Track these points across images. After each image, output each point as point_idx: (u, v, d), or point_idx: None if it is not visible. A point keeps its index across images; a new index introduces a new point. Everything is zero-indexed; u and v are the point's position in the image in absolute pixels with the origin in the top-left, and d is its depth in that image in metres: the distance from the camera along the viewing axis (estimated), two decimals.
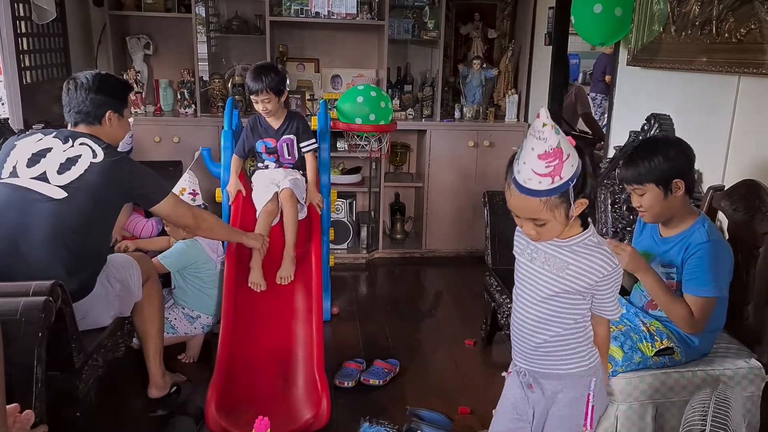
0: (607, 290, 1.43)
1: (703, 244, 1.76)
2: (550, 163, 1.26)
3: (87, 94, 2.06)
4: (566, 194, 1.29)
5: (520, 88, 4.10)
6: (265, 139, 2.90)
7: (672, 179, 1.77)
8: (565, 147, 1.26)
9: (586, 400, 1.47)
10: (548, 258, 1.43)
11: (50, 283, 1.67)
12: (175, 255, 2.60)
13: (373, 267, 3.95)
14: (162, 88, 3.92)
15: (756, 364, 1.84)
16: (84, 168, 1.97)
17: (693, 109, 2.40)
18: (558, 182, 1.27)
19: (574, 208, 1.32)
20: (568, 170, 1.27)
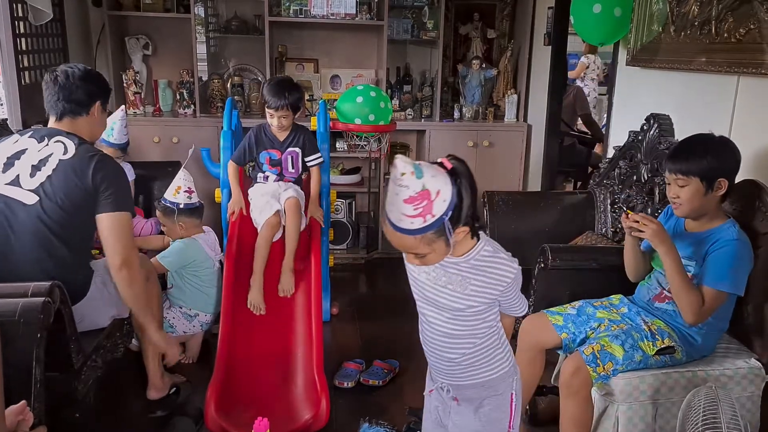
0: (513, 294, 1.43)
1: (733, 240, 1.77)
2: (418, 205, 1.23)
3: (80, 81, 2.01)
4: (442, 228, 1.27)
5: (519, 88, 4.10)
6: (269, 150, 2.82)
7: (717, 178, 1.77)
8: (432, 186, 1.23)
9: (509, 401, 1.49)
10: (449, 277, 1.41)
11: (49, 284, 1.67)
12: (174, 254, 2.60)
13: (372, 267, 3.94)
14: (161, 88, 3.91)
15: (756, 364, 1.84)
16: (52, 168, 1.93)
17: (692, 109, 2.40)
18: (430, 220, 1.25)
19: (454, 239, 1.31)
20: (440, 206, 1.25)
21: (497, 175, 3.97)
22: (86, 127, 2.05)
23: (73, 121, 2.03)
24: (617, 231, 2.62)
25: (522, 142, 3.99)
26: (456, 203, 1.26)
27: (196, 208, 2.70)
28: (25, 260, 1.92)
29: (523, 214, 2.78)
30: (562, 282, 2.17)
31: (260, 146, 2.83)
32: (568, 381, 1.78)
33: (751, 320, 1.88)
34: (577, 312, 1.99)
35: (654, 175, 2.39)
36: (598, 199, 2.76)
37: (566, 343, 1.95)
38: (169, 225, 2.67)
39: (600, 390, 1.82)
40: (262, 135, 2.82)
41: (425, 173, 1.23)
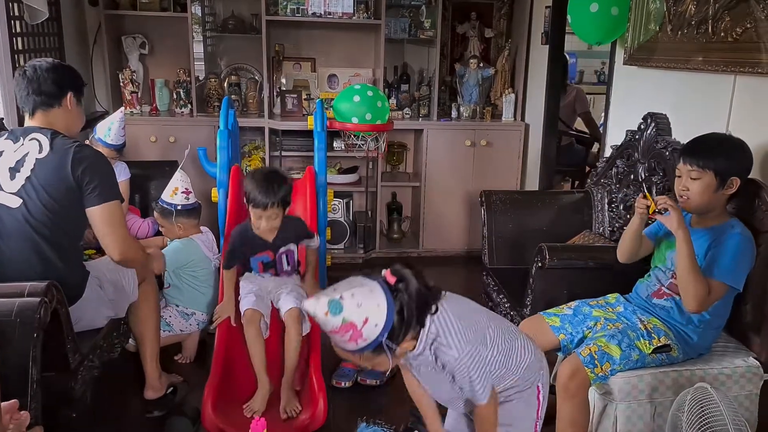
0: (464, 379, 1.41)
1: (737, 235, 1.78)
2: (344, 334, 1.26)
3: (47, 73, 1.96)
4: (379, 347, 1.28)
5: (516, 88, 4.10)
6: (260, 254, 2.45)
7: (731, 176, 1.78)
8: (357, 316, 1.24)
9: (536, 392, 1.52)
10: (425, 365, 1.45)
11: (45, 284, 1.66)
12: (171, 254, 2.59)
13: (370, 267, 3.92)
14: (158, 87, 3.90)
15: (754, 362, 1.84)
16: (30, 168, 1.90)
17: (689, 108, 2.41)
18: (363, 343, 1.27)
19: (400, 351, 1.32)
20: (371, 331, 1.25)
21: (495, 174, 3.97)
22: (61, 119, 2.00)
23: (46, 114, 1.98)
24: (614, 230, 2.62)
25: (519, 142, 3.99)
26: (394, 322, 1.27)
27: (194, 208, 2.69)
28: (16, 263, 1.90)
29: (520, 214, 2.78)
30: (560, 281, 2.17)
31: (249, 250, 2.44)
32: (565, 384, 1.78)
33: (749, 319, 1.88)
34: (574, 312, 1.99)
35: (651, 174, 2.39)
36: (596, 198, 2.76)
37: (564, 344, 1.95)
38: (168, 226, 2.67)
39: (599, 389, 1.82)
40: (248, 239, 2.41)
41: (346, 307, 1.24)
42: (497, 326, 1.49)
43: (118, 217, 1.98)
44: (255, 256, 2.45)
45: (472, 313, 1.48)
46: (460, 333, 1.38)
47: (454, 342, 1.37)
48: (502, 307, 2.53)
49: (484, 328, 1.45)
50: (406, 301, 1.28)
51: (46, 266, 1.91)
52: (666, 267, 1.92)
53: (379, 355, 1.29)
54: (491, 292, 2.68)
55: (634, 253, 2.00)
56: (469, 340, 1.39)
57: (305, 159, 3.93)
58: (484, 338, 1.43)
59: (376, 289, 1.27)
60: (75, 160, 1.90)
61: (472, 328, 1.42)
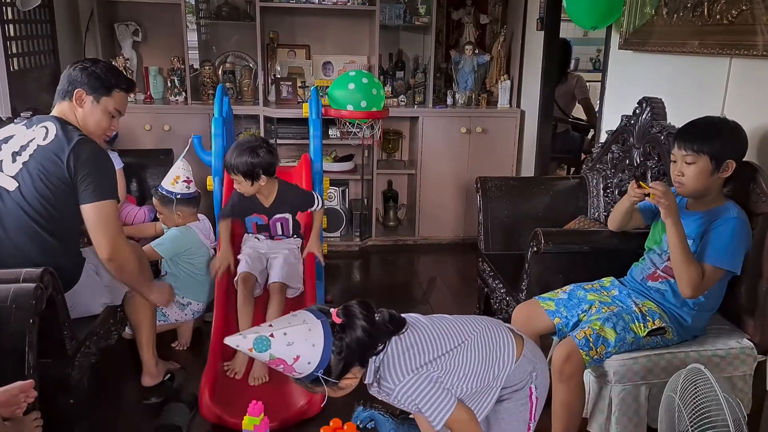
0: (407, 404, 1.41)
1: (734, 219, 1.78)
2: (276, 366, 1.30)
3: (69, 69, 2.03)
4: (317, 380, 1.31)
5: (512, 74, 4.09)
6: (255, 215, 2.60)
7: (726, 159, 1.78)
8: (286, 355, 1.27)
9: (529, 394, 1.51)
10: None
11: (40, 270, 1.66)
12: (168, 241, 2.59)
13: (366, 254, 3.94)
14: (152, 75, 3.88)
15: (748, 344, 1.85)
16: (29, 154, 1.91)
17: (685, 92, 2.41)
18: (299, 376, 1.31)
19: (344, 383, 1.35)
20: (304, 368, 1.29)
21: (490, 161, 3.96)
22: (71, 114, 2.02)
23: (59, 105, 2.03)
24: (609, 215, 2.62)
25: (515, 128, 3.98)
26: (332, 360, 1.30)
27: (194, 197, 2.69)
28: (10, 246, 1.90)
29: (516, 200, 2.79)
30: (555, 266, 2.17)
31: (246, 209, 2.60)
32: (560, 367, 1.79)
33: (743, 301, 1.89)
34: (568, 296, 2.00)
35: (646, 158, 2.40)
36: (591, 183, 2.77)
37: (559, 328, 1.96)
38: (167, 214, 2.66)
39: (594, 372, 1.83)
40: (247, 197, 2.55)
41: (274, 345, 1.27)
42: (470, 345, 1.47)
43: (110, 218, 1.96)
44: (250, 216, 2.59)
45: (437, 337, 1.45)
46: (403, 364, 1.38)
47: (392, 375, 1.38)
48: (497, 292, 2.54)
49: (447, 353, 1.44)
50: (346, 344, 1.31)
51: (42, 252, 1.91)
52: (661, 249, 1.92)
53: (318, 386, 1.33)
54: (487, 278, 2.68)
55: (625, 224, 2.05)
56: (412, 369, 1.39)
57: (300, 147, 3.92)
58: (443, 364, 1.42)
59: (316, 328, 1.30)
60: (73, 152, 1.90)
61: (424, 356, 1.41)
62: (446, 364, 1.43)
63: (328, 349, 1.29)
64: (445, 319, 1.53)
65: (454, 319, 1.53)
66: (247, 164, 2.43)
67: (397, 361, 1.38)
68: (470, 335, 1.49)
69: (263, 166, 2.46)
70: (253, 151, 2.44)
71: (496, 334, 1.52)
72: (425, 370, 1.39)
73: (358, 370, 1.36)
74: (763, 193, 1.82)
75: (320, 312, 1.34)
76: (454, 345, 1.45)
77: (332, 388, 1.35)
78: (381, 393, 1.43)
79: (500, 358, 1.50)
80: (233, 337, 1.28)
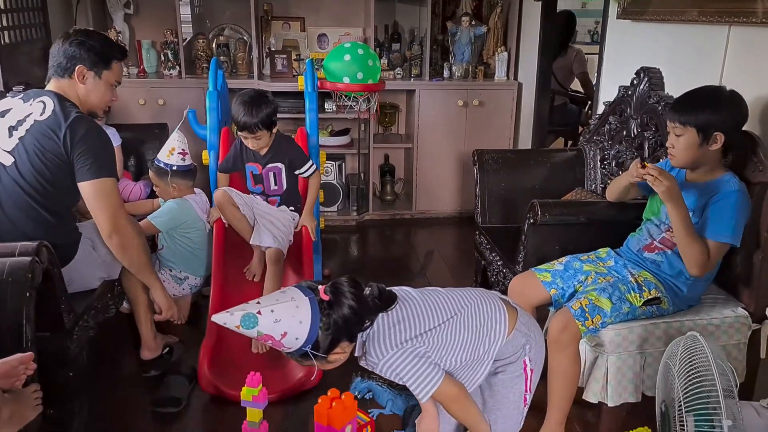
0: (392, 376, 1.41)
1: (734, 192, 1.77)
2: (265, 341, 1.32)
3: (63, 44, 1.98)
4: (305, 355, 1.34)
5: (509, 46, 4.05)
6: (251, 164, 2.64)
7: (714, 131, 1.76)
8: (274, 330, 1.29)
9: (523, 367, 1.51)
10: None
11: (36, 243, 1.65)
12: (165, 215, 2.58)
13: (363, 229, 3.94)
14: (144, 49, 3.83)
15: (743, 312, 1.86)
16: (26, 129, 1.90)
17: (683, 61, 2.39)
18: (287, 350, 1.33)
19: (332, 358, 1.37)
20: (292, 343, 1.31)
21: (487, 134, 3.94)
22: (71, 90, 2.00)
23: (57, 81, 2.00)
24: (607, 187, 2.62)
25: (512, 101, 3.95)
26: (320, 335, 1.32)
27: (189, 170, 2.67)
28: (6, 222, 1.90)
29: (513, 172, 2.78)
30: (552, 237, 2.17)
31: (245, 158, 2.64)
32: (556, 337, 1.80)
33: (739, 270, 1.90)
34: (564, 267, 2.00)
35: (644, 129, 2.38)
36: (588, 155, 2.76)
37: (555, 299, 1.97)
38: (162, 186, 2.65)
39: (590, 342, 1.85)
40: (243, 147, 2.61)
41: (261, 322, 1.29)
42: (460, 318, 1.46)
43: (109, 195, 1.95)
44: (248, 164, 2.64)
45: (425, 312, 1.45)
46: (388, 340, 1.39)
47: (376, 350, 1.39)
48: (494, 265, 2.54)
49: (435, 327, 1.43)
50: (333, 321, 1.33)
51: (38, 227, 1.91)
52: (660, 220, 1.92)
53: (308, 360, 1.35)
54: (484, 251, 2.69)
55: (623, 197, 2.06)
56: (396, 344, 1.39)
57: (296, 121, 3.88)
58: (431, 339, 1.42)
59: (304, 306, 1.31)
60: (69, 129, 1.89)
61: (410, 331, 1.41)
62: (434, 339, 1.43)
63: (316, 325, 1.31)
64: (437, 292, 1.53)
65: (445, 292, 1.53)
66: (267, 115, 2.48)
67: (382, 336, 1.39)
68: (461, 309, 1.48)
69: (276, 110, 2.56)
70: (265, 100, 2.50)
71: (488, 307, 1.51)
72: (410, 344, 1.40)
73: (347, 344, 1.38)
74: (760, 163, 1.82)
75: (309, 289, 1.36)
76: (443, 319, 1.45)
77: (321, 362, 1.37)
78: (368, 365, 1.44)
79: (491, 331, 1.49)
80: (220, 315, 1.30)
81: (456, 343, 1.46)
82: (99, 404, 2.14)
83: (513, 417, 1.54)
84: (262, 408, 1.76)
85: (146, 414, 2.13)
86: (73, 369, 1.91)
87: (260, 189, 2.67)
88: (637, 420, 1.98)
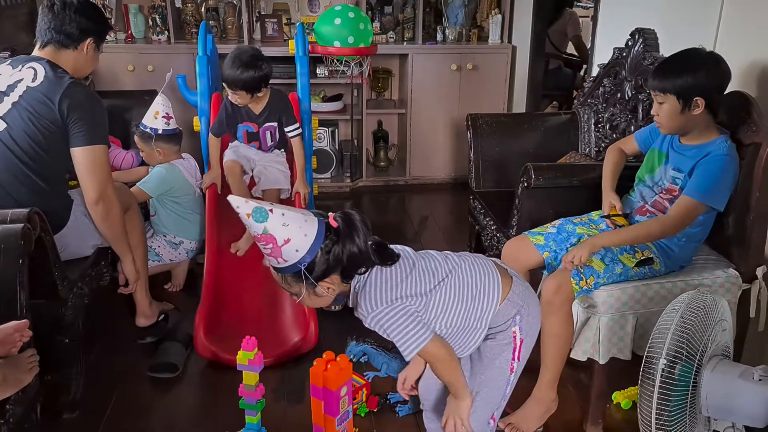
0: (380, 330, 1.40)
1: (722, 156, 1.77)
2: (265, 246, 1.28)
3: (74, 14, 1.95)
4: (298, 275, 1.30)
5: (503, 8, 3.98)
6: (246, 123, 2.66)
7: (693, 96, 1.75)
8: (279, 233, 1.26)
9: (512, 337, 1.49)
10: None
11: (27, 210, 1.64)
12: (154, 180, 2.57)
13: (357, 195, 3.94)
14: (132, 13, 3.75)
15: (733, 273, 1.88)
16: (19, 95, 1.88)
17: (678, 22, 2.36)
18: (283, 264, 1.29)
19: (322, 288, 1.33)
20: (291, 255, 1.28)
21: (482, 98, 3.91)
22: (70, 61, 1.99)
23: (57, 51, 1.97)
24: (600, 150, 2.61)
25: (506, 65, 3.91)
26: (318, 258, 1.29)
27: (174, 134, 2.65)
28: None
29: (507, 136, 2.76)
30: (546, 201, 2.18)
31: (237, 118, 2.65)
32: (550, 299, 1.81)
33: (731, 231, 1.91)
34: (557, 230, 2.00)
35: (638, 92, 2.37)
36: (582, 119, 2.74)
37: (548, 262, 1.98)
38: (148, 151, 2.63)
39: (582, 303, 1.86)
40: (237, 106, 2.63)
41: (271, 219, 1.26)
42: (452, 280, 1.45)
43: (100, 162, 1.97)
44: (242, 124, 2.64)
45: (420, 276, 1.43)
46: (379, 295, 1.37)
47: (367, 303, 1.37)
48: (488, 229, 2.55)
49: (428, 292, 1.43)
50: (335, 248, 1.30)
51: (29, 193, 1.90)
52: (653, 181, 1.93)
53: (298, 282, 1.32)
54: (478, 216, 2.69)
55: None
56: (387, 300, 1.38)
57: (288, 86, 3.83)
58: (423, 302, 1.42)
59: (312, 222, 1.29)
60: (66, 95, 1.89)
61: (402, 290, 1.39)
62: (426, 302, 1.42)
63: (318, 244, 1.29)
64: (432, 255, 1.51)
65: (441, 256, 1.51)
66: (251, 79, 2.48)
67: (375, 289, 1.37)
68: (452, 269, 1.47)
69: (265, 79, 2.54)
70: (255, 66, 2.49)
71: (482, 271, 1.49)
72: (400, 302, 1.38)
73: (337, 280, 1.35)
74: (753, 123, 1.81)
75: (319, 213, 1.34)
76: (436, 282, 1.44)
77: (309, 290, 1.33)
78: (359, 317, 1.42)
79: (484, 296, 1.47)
80: (236, 198, 1.28)
81: (448, 306, 1.44)
82: (96, 370, 2.15)
83: (498, 383, 1.52)
84: (258, 371, 1.77)
85: (143, 380, 2.15)
86: (69, 335, 1.91)
87: (255, 146, 2.71)
88: (629, 381, 2.02)
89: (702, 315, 1.55)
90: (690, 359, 1.53)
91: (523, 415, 1.89)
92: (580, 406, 2.01)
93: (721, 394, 1.55)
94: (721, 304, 1.60)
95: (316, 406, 1.75)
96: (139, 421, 1.97)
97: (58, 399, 1.92)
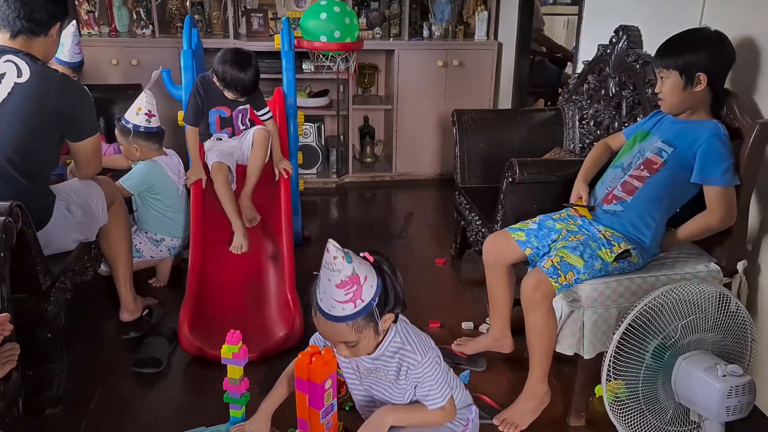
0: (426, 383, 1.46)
1: (723, 135, 1.80)
2: (349, 290, 1.33)
3: (43, 1, 1.91)
4: (371, 314, 1.37)
5: (489, 5, 4.00)
6: (219, 108, 2.65)
7: (696, 72, 1.78)
8: (361, 271, 1.33)
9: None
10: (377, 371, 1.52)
11: (8, 204, 1.62)
12: (135, 177, 2.55)
13: (343, 191, 3.93)
14: (116, 7, 3.72)
15: (715, 267, 1.90)
16: (7, 91, 1.85)
17: (661, 19, 2.38)
18: (360, 305, 1.35)
19: (382, 325, 1.41)
20: (368, 292, 1.35)
21: (467, 94, 3.92)
22: (41, 48, 1.96)
23: (29, 40, 1.93)
24: (585, 146, 2.63)
25: (492, 61, 3.93)
26: (381, 290, 1.37)
27: (154, 132, 2.62)
28: None
29: (492, 132, 2.77)
30: (530, 196, 2.19)
31: (210, 102, 2.63)
32: (529, 296, 1.82)
33: None
34: (538, 226, 2.01)
35: (622, 88, 2.39)
36: (567, 115, 2.76)
37: (531, 258, 1.98)
38: (125, 145, 2.61)
39: (566, 297, 1.87)
40: (210, 89, 2.60)
41: (354, 258, 1.32)
42: None
43: (98, 148, 2.08)
44: (215, 109, 2.64)
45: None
46: (421, 342, 1.48)
47: (417, 347, 1.46)
48: (473, 224, 2.56)
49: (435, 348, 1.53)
50: (388, 280, 1.39)
51: (11, 189, 1.87)
52: (631, 158, 1.95)
53: (369, 323, 1.38)
54: (463, 211, 2.70)
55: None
56: (428, 348, 1.48)
57: (273, 81, 3.82)
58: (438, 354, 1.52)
59: (364, 261, 1.36)
60: (61, 92, 1.89)
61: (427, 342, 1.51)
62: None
63: (379, 278, 1.37)
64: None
65: None
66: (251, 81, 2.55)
67: (417, 337, 1.48)
68: None
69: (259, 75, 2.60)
70: (253, 63, 2.56)
71: None
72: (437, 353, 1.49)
73: (389, 316, 1.42)
74: (731, 113, 1.85)
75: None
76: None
77: (375, 329, 1.40)
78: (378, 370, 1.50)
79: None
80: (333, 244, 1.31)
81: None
82: (79, 365, 2.13)
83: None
84: (242, 365, 1.77)
85: (127, 375, 2.13)
86: (51, 330, 1.89)
87: (228, 132, 2.72)
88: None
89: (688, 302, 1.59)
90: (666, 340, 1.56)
91: (517, 410, 1.91)
92: (563, 399, 2.03)
93: (686, 383, 1.59)
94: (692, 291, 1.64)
95: (301, 399, 1.75)
96: (123, 416, 1.96)
97: (41, 394, 1.91)
